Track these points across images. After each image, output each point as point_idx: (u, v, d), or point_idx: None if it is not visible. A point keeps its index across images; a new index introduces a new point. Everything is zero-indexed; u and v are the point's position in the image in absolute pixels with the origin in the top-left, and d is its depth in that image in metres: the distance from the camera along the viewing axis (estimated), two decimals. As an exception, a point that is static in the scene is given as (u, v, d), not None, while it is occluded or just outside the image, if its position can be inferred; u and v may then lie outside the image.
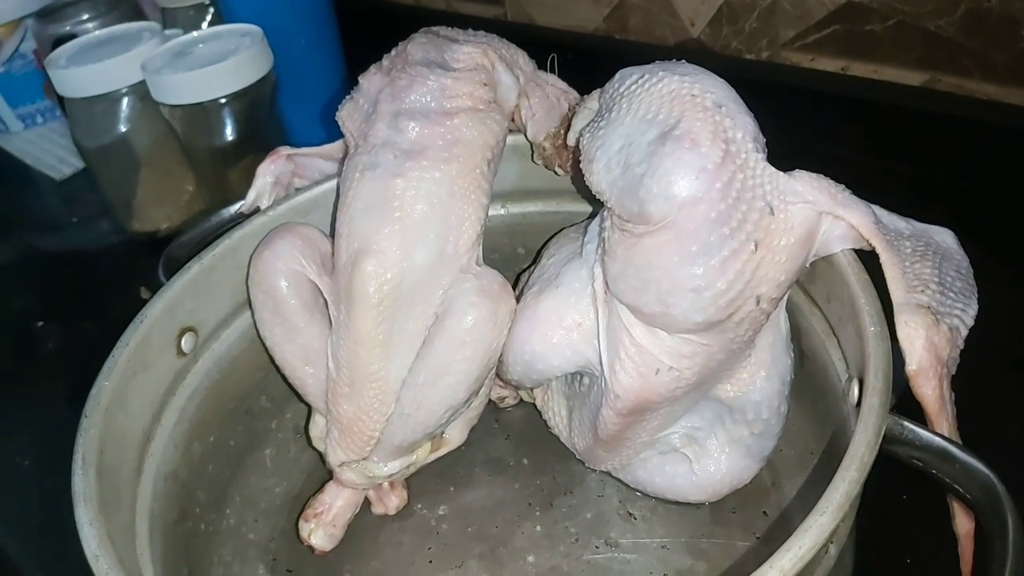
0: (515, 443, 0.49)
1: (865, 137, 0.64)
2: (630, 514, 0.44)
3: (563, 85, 0.45)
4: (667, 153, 0.31)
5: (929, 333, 0.31)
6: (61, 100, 0.71)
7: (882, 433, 0.28)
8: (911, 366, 0.31)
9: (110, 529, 0.31)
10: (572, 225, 0.45)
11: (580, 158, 0.36)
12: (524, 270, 0.47)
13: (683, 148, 0.31)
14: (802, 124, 0.55)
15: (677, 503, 0.42)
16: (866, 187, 0.35)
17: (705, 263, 0.32)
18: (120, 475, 0.36)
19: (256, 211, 0.46)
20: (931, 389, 0.31)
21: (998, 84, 0.60)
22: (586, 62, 0.45)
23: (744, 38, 0.70)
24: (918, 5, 0.60)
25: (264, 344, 0.43)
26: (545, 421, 0.46)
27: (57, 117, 0.96)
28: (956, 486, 0.29)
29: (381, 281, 0.39)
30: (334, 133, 0.47)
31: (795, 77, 0.69)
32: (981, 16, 0.58)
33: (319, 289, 0.42)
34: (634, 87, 0.34)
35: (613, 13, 0.78)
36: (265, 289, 0.41)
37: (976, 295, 0.35)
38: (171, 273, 0.43)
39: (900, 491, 0.42)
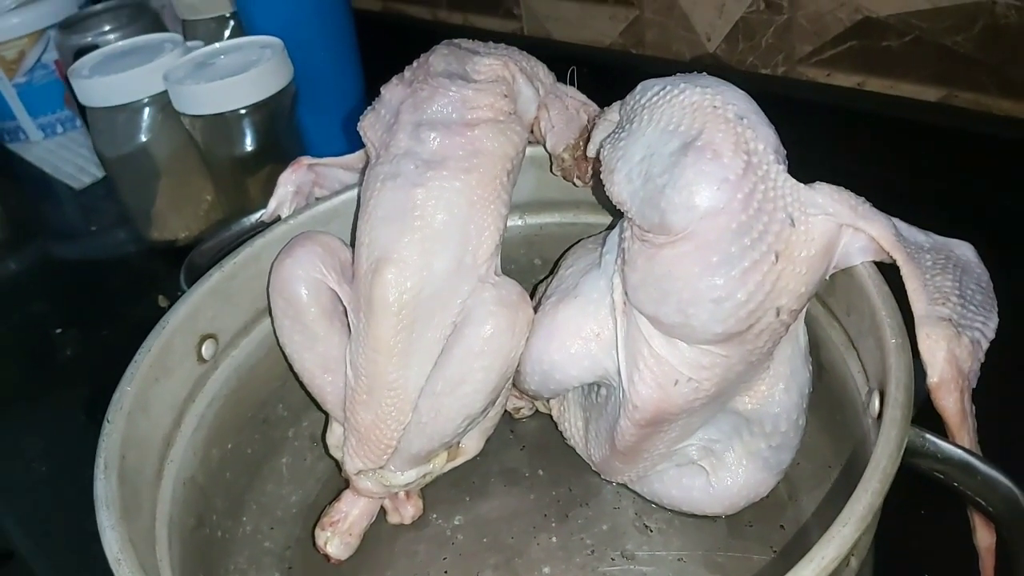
0: (531, 454, 0.49)
1: (881, 152, 0.64)
2: (646, 526, 0.44)
3: (582, 97, 0.45)
4: (689, 164, 0.32)
5: (951, 345, 0.31)
6: (82, 110, 0.72)
7: (904, 445, 0.28)
8: (932, 378, 0.31)
9: (131, 533, 0.32)
10: (590, 236, 0.46)
11: (601, 169, 0.36)
12: (541, 281, 0.47)
13: (705, 159, 0.31)
14: (818, 139, 0.55)
15: (694, 516, 0.42)
16: (883, 202, 0.35)
17: (726, 274, 0.32)
18: (141, 480, 0.36)
19: (277, 220, 0.46)
20: (952, 401, 0.31)
21: (1015, 100, 0.60)
22: (602, 77, 0.45)
23: (760, 53, 0.71)
24: (935, 21, 0.60)
25: (283, 351, 0.43)
26: (561, 432, 0.46)
27: (77, 127, 0.97)
28: (978, 499, 0.29)
29: (401, 289, 0.39)
30: (353, 144, 0.47)
31: (811, 92, 0.69)
32: (998, 32, 0.58)
33: (339, 297, 0.42)
34: (655, 98, 0.35)
35: (629, 28, 0.78)
36: (286, 296, 0.42)
37: (996, 308, 0.35)
38: (192, 280, 0.43)
39: (919, 506, 0.42)
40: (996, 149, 0.60)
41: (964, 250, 0.37)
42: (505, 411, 0.48)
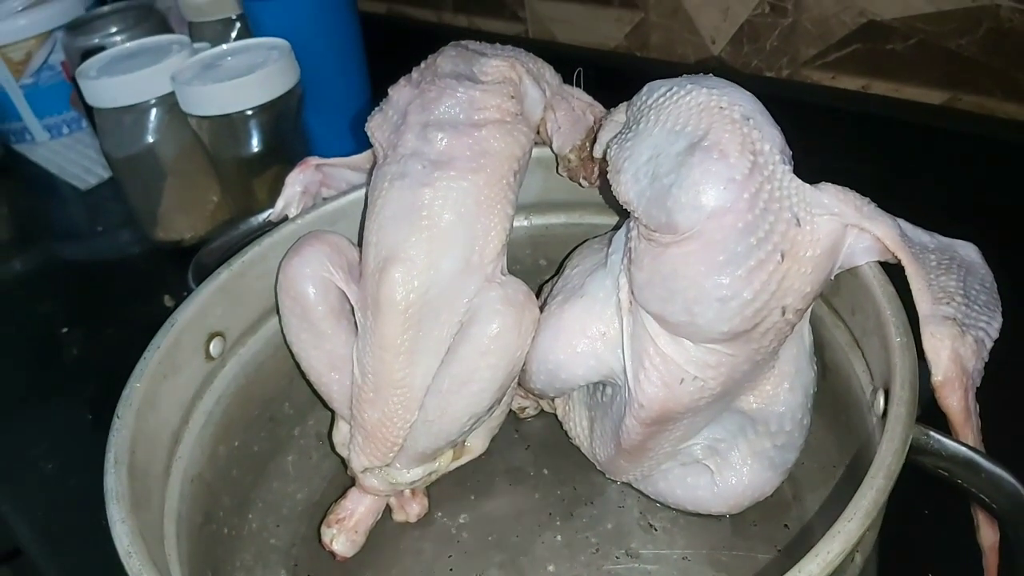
0: (535, 453, 0.49)
1: (886, 155, 0.64)
2: (651, 525, 0.44)
3: (588, 99, 0.45)
4: (695, 164, 0.32)
5: (955, 344, 0.31)
6: (88, 111, 0.72)
7: (909, 442, 0.28)
8: (937, 376, 0.31)
9: (141, 528, 0.32)
10: (595, 237, 0.46)
11: (607, 169, 0.36)
12: (546, 281, 0.47)
13: (711, 159, 0.32)
14: (823, 142, 0.55)
15: (698, 515, 0.42)
16: (887, 204, 0.35)
17: (732, 273, 0.32)
18: (149, 475, 0.36)
19: (284, 219, 0.47)
20: (957, 400, 0.31)
21: (1019, 103, 0.60)
22: (607, 79, 0.46)
23: (765, 56, 0.71)
24: (939, 24, 0.61)
25: (290, 350, 0.43)
26: (566, 431, 0.47)
27: (83, 128, 0.98)
28: (982, 496, 0.29)
29: (408, 288, 0.39)
30: (359, 146, 0.48)
31: (816, 95, 0.69)
32: (1002, 36, 0.58)
33: (346, 296, 0.42)
34: (662, 99, 0.35)
35: (634, 31, 0.78)
36: (293, 295, 0.42)
37: (1000, 308, 0.35)
38: (200, 279, 0.43)
39: (922, 506, 0.42)
40: (1000, 152, 0.61)
41: (968, 251, 0.37)
42: (510, 410, 0.48)
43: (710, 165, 0.32)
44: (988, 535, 0.33)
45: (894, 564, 0.37)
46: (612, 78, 0.44)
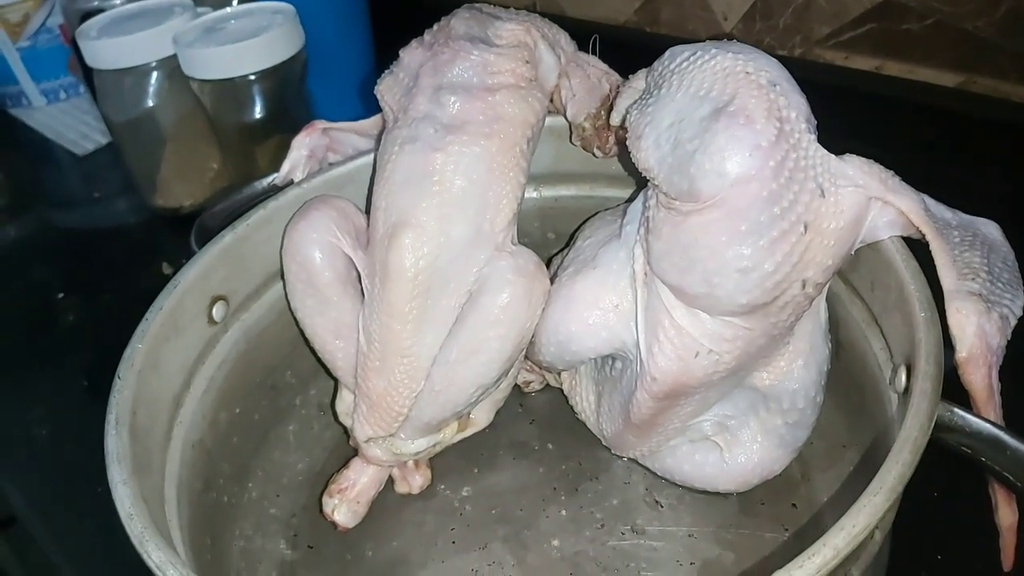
0: (540, 428, 0.49)
1: (898, 137, 0.64)
2: (657, 502, 0.44)
3: (604, 66, 0.44)
4: (721, 129, 0.31)
5: (980, 320, 0.31)
6: (87, 74, 0.71)
7: (935, 418, 0.28)
8: (961, 352, 0.31)
9: (143, 490, 0.31)
10: (608, 209, 0.45)
11: (627, 135, 0.35)
12: (555, 254, 0.47)
13: (738, 124, 0.31)
14: (834, 123, 0.54)
15: (705, 492, 0.42)
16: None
17: (754, 243, 0.31)
18: (151, 439, 0.35)
19: (290, 183, 0.46)
20: (981, 377, 0.31)
21: (1035, 87, 0.60)
22: (616, 55, 0.45)
23: (778, 34, 0.70)
24: (957, 5, 0.60)
25: (295, 316, 0.43)
26: (572, 406, 0.46)
27: (80, 93, 0.96)
28: (1005, 473, 0.29)
29: (418, 255, 0.38)
30: (364, 115, 0.46)
31: (829, 75, 0.68)
32: (1021, 18, 0.58)
33: (352, 263, 0.41)
34: (686, 64, 0.34)
35: (645, 6, 0.77)
36: (299, 260, 0.41)
37: (1022, 287, 0.34)
38: (203, 242, 0.42)
39: (931, 488, 0.42)
40: (1014, 136, 0.60)
41: (990, 228, 0.36)
42: (515, 385, 0.47)
43: (736, 131, 0.31)
44: (1007, 515, 0.33)
45: (906, 546, 0.36)
46: (621, 54, 0.43)
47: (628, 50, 0.42)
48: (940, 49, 0.62)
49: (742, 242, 0.32)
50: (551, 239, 0.52)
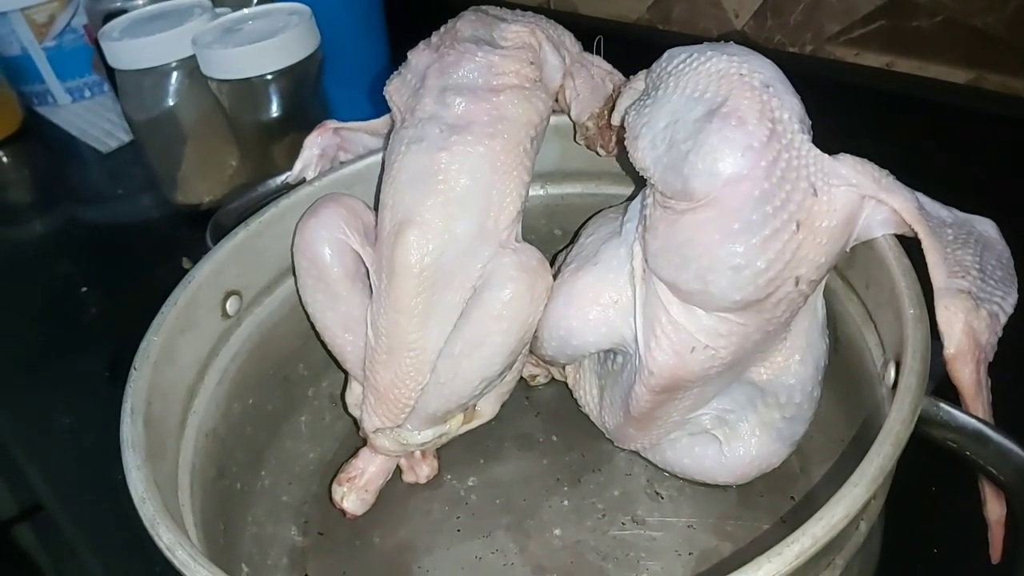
0: (545, 420, 0.50)
1: (908, 133, 0.64)
2: (657, 493, 0.44)
3: (608, 67, 0.45)
4: (713, 130, 0.32)
5: (968, 317, 0.31)
6: (110, 74, 0.72)
7: (918, 412, 0.28)
8: (949, 349, 0.31)
9: (156, 476, 0.32)
10: (611, 207, 0.46)
11: (625, 135, 0.36)
12: (560, 251, 0.48)
13: (730, 125, 0.32)
14: (845, 119, 0.55)
15: (705, 485, 0.43)
16: (908, 183, 0.35)
17: (746, 241, 0.32)
18: (165, 428, 0.37)
19: (302, 182, 0.47)
20: (968, 373, 0.31)
21: (1045, 84, 0.60)
22: (628, 52, 0.45)
23: (788, 31, 0.70)
24: (967, 2, 0.60)
25: (305, 310, 0.44)
26: (576, 399, 0.47)
27: (104, 92, 0.98)
28: (989, 468, 0.29)
29: (423, 252, 0.39)
30: (377, 114, 0.48)
31: (839, 72, 0.68)
32: (1031, 14, 0.58)
33: (361, 259, 0.43)
34: (682, 66, 0.35)
35: (657, 3, 0.78)
36: (309, 256, 0.42)
37: (1016, 285, 0.35)
38: (218, 239, 0.44)
39: (929, 482, 0.42)
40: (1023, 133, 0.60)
41: (986, 226, 0.37)
42: (521, 378, 0.48)
43: (728, 132, 0.32)
44: (995, 509, 0.33)
45: (900, 539, 0.37)
46: (633, 51, 0.44)
47: (639, 47, 0.43)
48: (950, 46, 0.62)
49: (735, 240, 0.32)
50: (557, 235, 0.53)
